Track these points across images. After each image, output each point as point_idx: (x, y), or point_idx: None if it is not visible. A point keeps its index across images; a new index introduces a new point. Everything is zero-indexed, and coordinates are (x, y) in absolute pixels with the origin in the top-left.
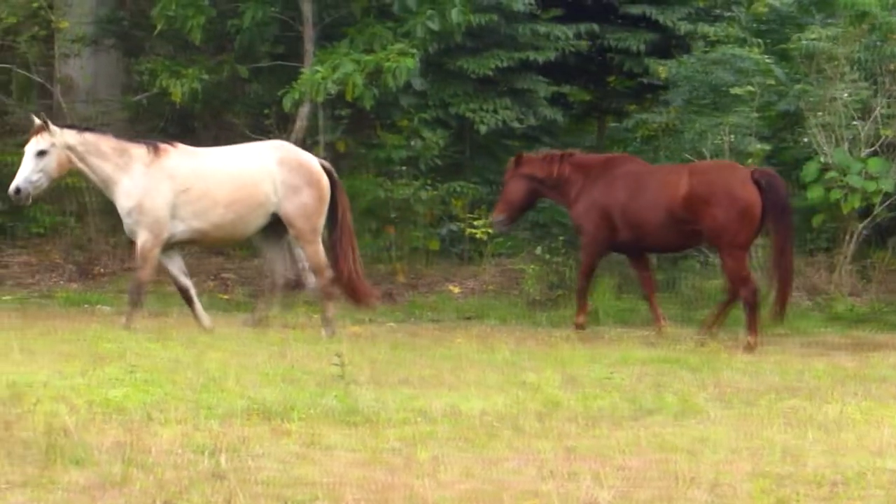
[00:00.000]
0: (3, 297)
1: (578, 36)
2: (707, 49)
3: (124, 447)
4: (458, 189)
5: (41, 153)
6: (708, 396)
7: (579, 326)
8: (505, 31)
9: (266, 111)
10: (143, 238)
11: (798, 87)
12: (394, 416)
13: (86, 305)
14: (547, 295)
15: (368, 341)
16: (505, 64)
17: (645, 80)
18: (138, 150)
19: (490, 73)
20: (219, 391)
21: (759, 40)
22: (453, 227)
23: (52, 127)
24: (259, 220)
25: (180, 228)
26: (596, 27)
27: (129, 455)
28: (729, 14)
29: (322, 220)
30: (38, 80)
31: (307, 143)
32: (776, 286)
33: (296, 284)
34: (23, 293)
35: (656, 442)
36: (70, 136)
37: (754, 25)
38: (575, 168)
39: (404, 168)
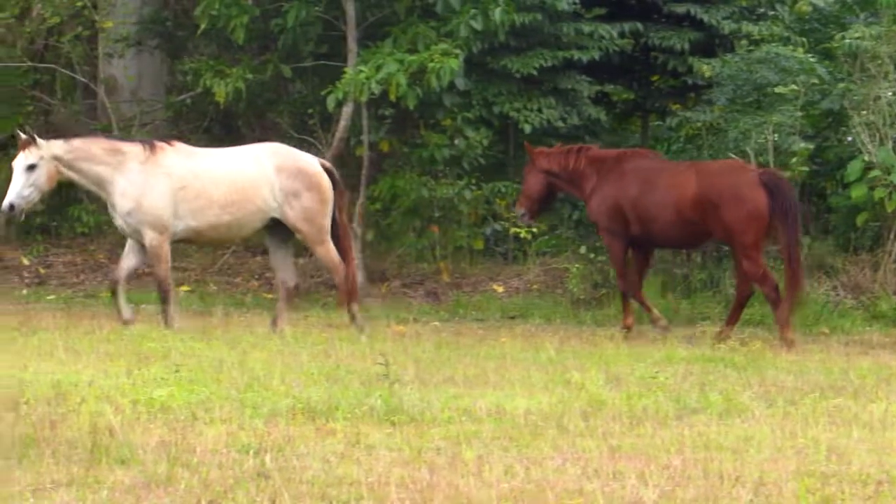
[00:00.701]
0: (48, 297)
1: (622, 35)
2: (751, 48)
3: (169, 447)
4: (502, 188)
5: (31, 167)
6: (752, 395)
7: (627, 327)
8: (548, 31)
9: (310, 111)
10: (149, 237)
11: (842, 85)
12: (438, 416)
13: (131, 305)
14: (591, 294)
15: (413, 340)
16: (549, 63)
17: (689, 80)
18: (133, 149)
19: (534, 72)
20: (263, 390)
21: (803, 39)
22: (497, 226)
23: (39, 141)
24: (255, 223)
25: (179, 227)
26: (640, 26)
27: (174, 454)
28: (772, 13)
29: (327, 221)
30: (82, 80)
31: (351, 143)
32: (786, 288)
33: (297, 288)
34: (67, 293)
35: (701, 441)
36: (56, 147)
37: (798, 24)
38: (590, 162)
39: (448, 167)
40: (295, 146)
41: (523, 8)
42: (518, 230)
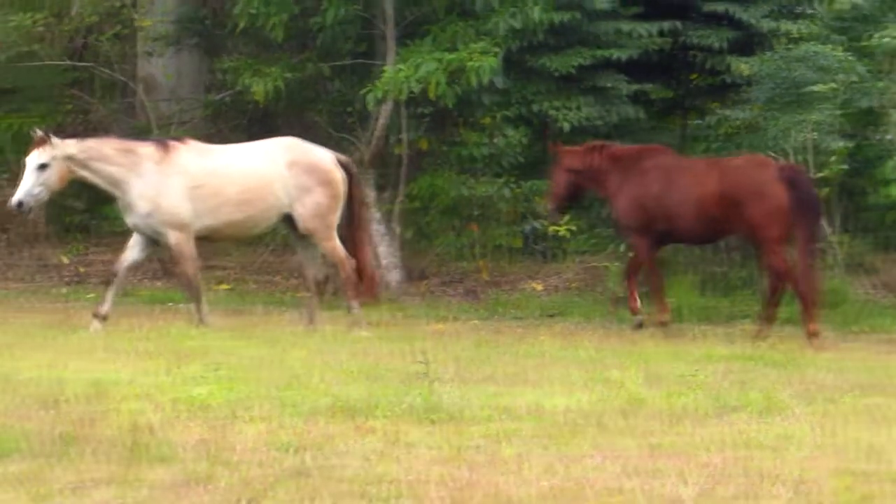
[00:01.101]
0: (87, 296)
1: (660, 33)
2: (789, 46)
3: (209, 445)
4: (541, 187)
5: (42, 166)
6: (792, 393)
7: (662, 323)
8: (587, 29)
9: (348, 109)
10: (172, 237)
11: (880, 84)
12: (477, 414)
13: (169, 303)
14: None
15: (452, 339)
16: (587, 62)
17: (727, 78)
18: (146, 149)
19: (572, 70)
20: (303, 389)
21: (842, 37)
22: (536, 224)
23: (54, 140)
24: (269, 220)
25: (197, 225)
26: (678, 24)
27: (213, 453)
28: (810, 11)
29: (336, 217)
30: (121, 78)
31: (389, 142)
32: (803, 282)
33: (324, 282)
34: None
35: (740, 439)
36: (70, 147)
37: (836, 22)
38: (610, 160)
39: (486, 166)
40: (334, 145)
41: (562, 6)
42: (557, 228)
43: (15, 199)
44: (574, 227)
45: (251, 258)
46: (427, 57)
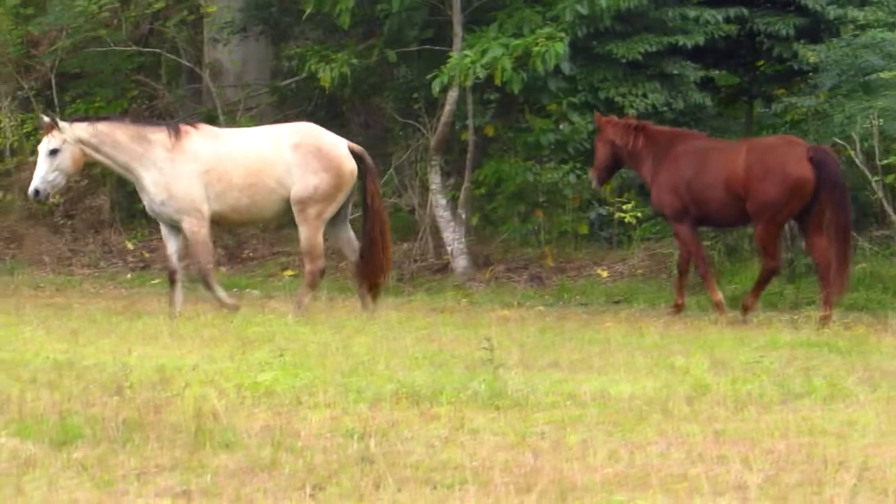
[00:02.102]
0: (152, 281)
1: (727, 20)
2: (856, 33)
3: (273, 431)
4: None
5: (54, 152)
6: (856, 380)
7: (717, 305)
8: (653, 15)
9: (415, 95)
10: (187, 223)
11: None
12: (542, 400)
13: (234, 289)
14: (696, 278)
15: (517, 325)
16: (654, 48)
17: (794, 65)
18: (158, 135)
19: (639, 57)
20: (367, 375)
21: None
22: (602, 210)
23: (62, 124)
24: (276, 205)
25: (211, 209)
26: (745, 11)
27: (278, 439)
28: None
29: (332, 207)
30: (187, 64)
31: (456, 128)
32: (835, 260)
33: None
34: None
35: (805, 426)
36: (81, 130)
37: None
38: (647, 140)
39: (553, 152)
40: (400, 131)
41: None
42: (622, 215)
43: (31, 187)
44: (640, 214)
45: None
46: (493, 43)
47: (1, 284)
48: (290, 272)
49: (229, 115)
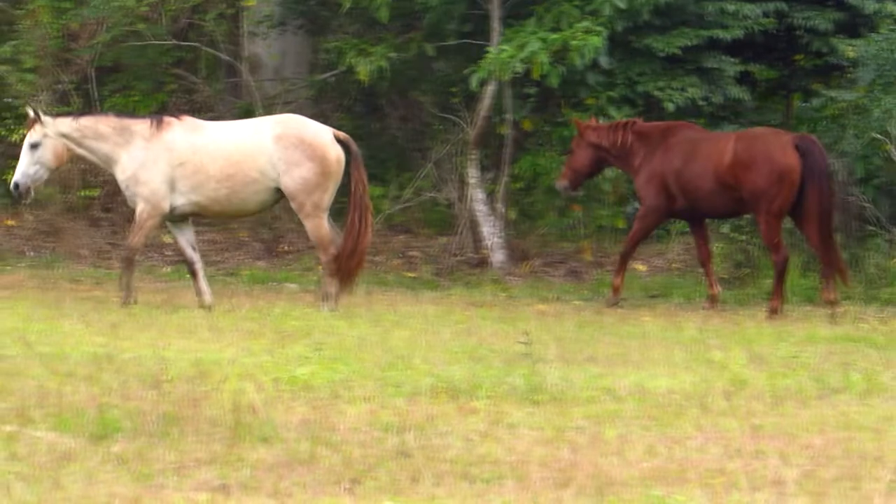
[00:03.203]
0: (189, 275)
1: (765, 14)
2: (893, 28)
3: (311, 425)
4: None
5: (34, 146)
6: (894, 375)
7: (615, 290)
8: (692, 10)
9: (453, 89)
10: (140, 207)
11: None
12: (580, 395)
13: (272, 283)
14: (733, 273)
15: (555, 319)
16: (692, 42)
17: (832, 60)
18: (140, 126)
19: (677, 51)
20: (405, 369)
21: None
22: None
23: (44, 118)
24: (258, 196)
25: (181, 201)
26: (783, 5)
27: (315, 433)
28: None
29: (326, 196)
30: (225, 58)
31: (493, 122)
32: (821, 250)
33: (338, 258)
34: (209, 271)
35: (842, 421)
36: (63, 125)
37: None
38: (638, 137)
39: None
40: (438, 125)
41: None
42: None
43: (12, 181)
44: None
45: None
46: (532, 37)
47: (40, 278)
48: None
49: (267, 110)
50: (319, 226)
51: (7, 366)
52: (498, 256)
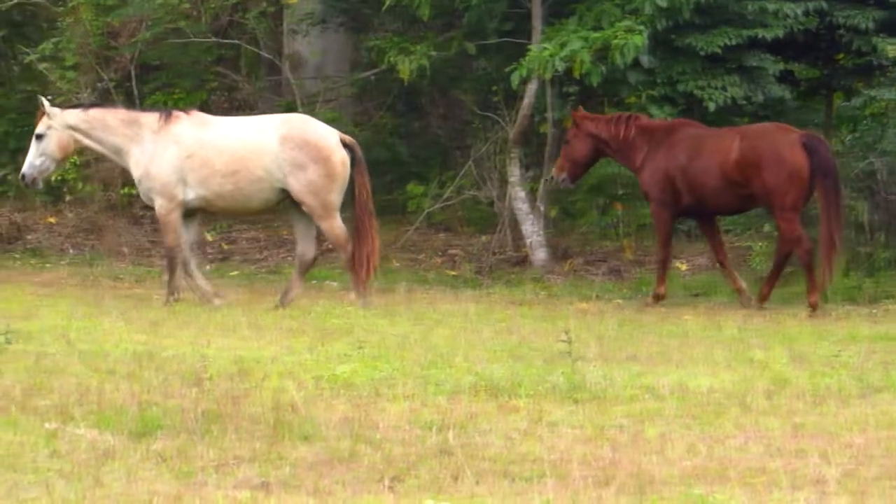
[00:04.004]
0: (231, 273)
1: (806, 13)
2: None
3: (352, 423)
4: None
5: (39, 137)
6: None
7: (657, 297)
8: (733, 8)
9: (494, 88)
10: (157, 204)
11: None
12: (621, 393)
13: (313, 281)
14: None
15: (596, 318)
16: (733, 41)
17: (874, 59)
18: (149, 118)
19: (718, 50)
20: (446, 367)
21: None
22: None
23: (50, 110)
24: (263, 194)
25: (190, 195)
26: (824, 4)
27: (356, 431)
28: None
29: (335, 196)
30: (267, 56)
31: (535, 120)
32: (821, 248)
33: (314, 261)
34: (250, 269)
35: (884, 420)
36: (71, 117)
37: None
38: (640, 132)
39: None
40: (479, 123)
41: None
42: None
43: (21, 171)
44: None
45: (395, 236)
46: (573, 36)
47: (81, 275)
48: None
49: (309, 107)
50: (333, 226)
51: (48, 363)
52: (539, 255)
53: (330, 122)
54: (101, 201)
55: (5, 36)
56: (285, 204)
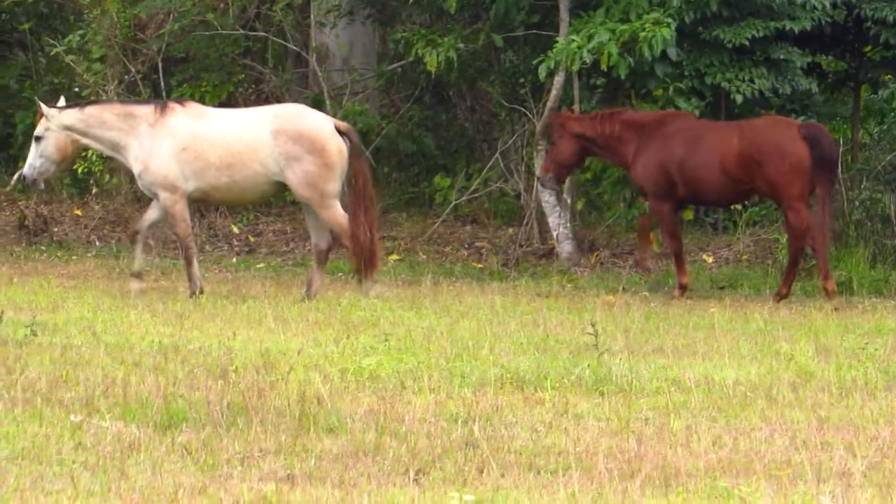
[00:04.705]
0: (257, 265)
1: (834, 5)
2: None
3: (377, 415)
4: None
5: (38, 139)
6: None
7: (682, 287)
8: (760, 1)
9: (521, 80)
10: (162, 197)
11: None
12: (646, 386)
13: (339, 274)
14: (801, 264)
15: (622, 310)
16: (760, 33)
17: None
18: (144, 111)
19: (745, 42)
20: (472, 360)
21: None
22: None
23: (48, 111)
24: (260, 187)
25: (190, 187)
26: None
27: (381, 423)
28: None
29: (333, 185)
30: (293, 48)
31: (561, 112)
32: (815, 238)
33: (329, 251)
34: (276, 261)
35: None
36: (68, 117)
37: None
38: (626, 126)
39: None
40: (506, 116)
41: None
42: None
43: (21, 172)
44: (746, 200)
45: (422, 228)
46: (600, 28)
47: (107, 268)
48: (395, 256)
49: (336, 100)
50: (335, 214)
51: (74, 355)
52: (565, 247)
53: (357, 114)
54: (127, 194)
55: (32, 28)
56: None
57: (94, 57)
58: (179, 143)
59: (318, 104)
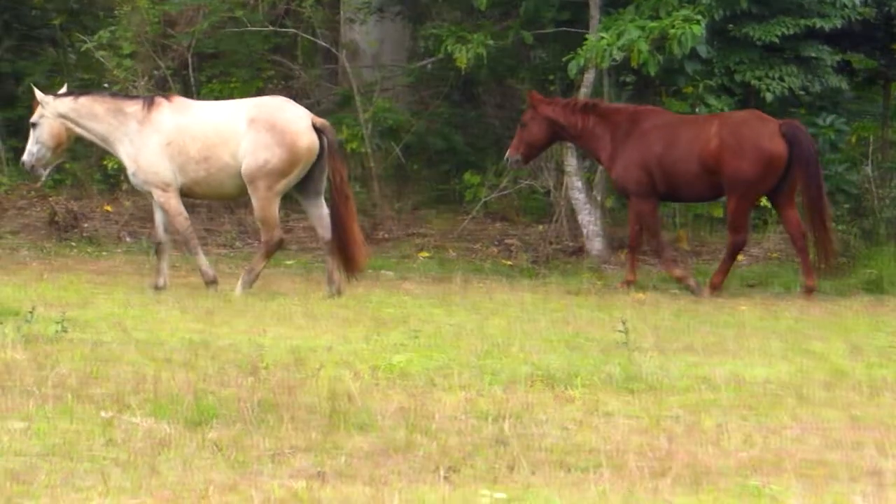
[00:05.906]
0: (287, 262)
1: (864, 3)
2: None
3: (408, 413)
4: None
5: (33, 125)
6: None
7: (680, 279)
8: None
9: (551, 77)
10: (157, 194)
11: None
12: (676, 384)
13: (369, 270)
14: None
15: (652, 308)
16: (790, 31)
17: None
18: (133, 108)
19: (775, 40)
20: (502, 357)
21: None
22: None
23: (42, 98)
24: (234, 179)
25: (178, 182)
26: None
27: (412, 421)
28: None
29: (283, 182)
30: (323, 44)
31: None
32: (814, 237)
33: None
34: (306, 258)
35: None
36: (62, 105)
37: None
38: (601, 119)
39: None
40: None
41: None
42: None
43: (21, 160)
44: None
45: (451, 225)
46: (630, 25)
47: (136, 264)
48: (425, 254)
49: (365, 96)
50: (267, 207)
51: (104, 352)
52: (595, 244)
53: (386, 111)
54: None
55: (63, 24)
56: (294, 192)
57: (124, 53)
58: (164, 139)
59: (347, 101)
